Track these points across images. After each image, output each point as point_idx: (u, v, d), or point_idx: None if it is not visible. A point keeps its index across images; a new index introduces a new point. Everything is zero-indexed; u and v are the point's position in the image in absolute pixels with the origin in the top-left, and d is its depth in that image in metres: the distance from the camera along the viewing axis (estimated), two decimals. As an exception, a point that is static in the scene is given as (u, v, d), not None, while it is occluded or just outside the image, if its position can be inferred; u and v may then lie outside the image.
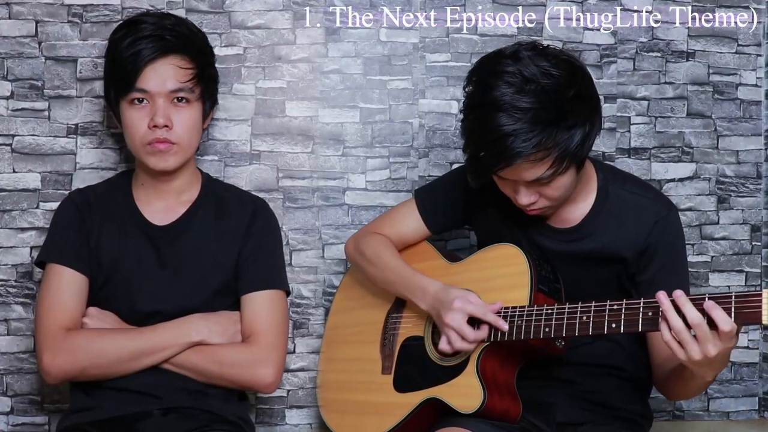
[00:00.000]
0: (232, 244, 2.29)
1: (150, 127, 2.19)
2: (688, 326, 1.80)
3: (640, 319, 1.88)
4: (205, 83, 2.27)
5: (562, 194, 2.05)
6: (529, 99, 1.94)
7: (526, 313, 2.03)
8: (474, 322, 2.08)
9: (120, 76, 2.20)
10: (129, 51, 2.18)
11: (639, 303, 1.89)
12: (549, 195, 2.04)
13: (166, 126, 2.19)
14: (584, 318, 1.95)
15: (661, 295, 1.83)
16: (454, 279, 2.20)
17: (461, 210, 2.31)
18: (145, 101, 2.20)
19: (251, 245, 2.29)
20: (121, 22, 2.32)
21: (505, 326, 2.04)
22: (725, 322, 1.77)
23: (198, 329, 2.21)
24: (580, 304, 1.97)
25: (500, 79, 1.96)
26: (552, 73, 1.96)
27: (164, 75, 2.19)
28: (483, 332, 2.06)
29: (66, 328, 2.18)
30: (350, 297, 2.45)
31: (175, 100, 2.21)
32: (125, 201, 2.31)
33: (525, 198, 2.04)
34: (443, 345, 2.10)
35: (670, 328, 1.81)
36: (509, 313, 2.05)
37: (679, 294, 1.81)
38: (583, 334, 1.96)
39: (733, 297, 1.78)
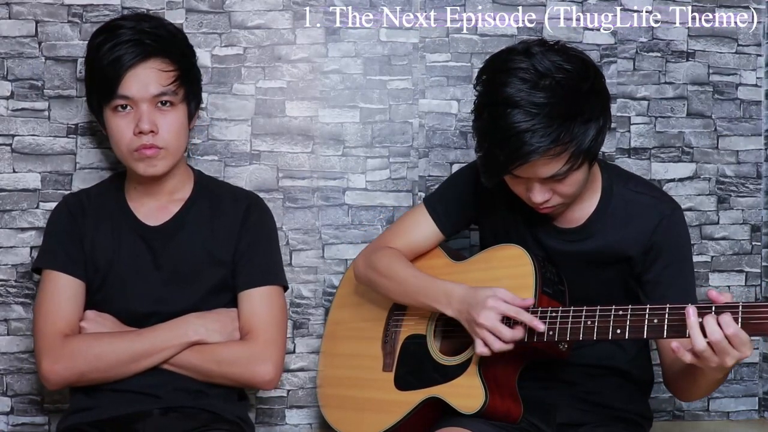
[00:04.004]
0: (227, 241, 2.28)
1: (136, 134, 2.17)
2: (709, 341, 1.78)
3: (645, 326, 1.86)
4: (189, 84, 2.26)
5: (575, 191, 2.04)
6: (544, 94, 1.92)
7: (530, 315, 2.02)
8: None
9: (101, 83, 2.19)
10: (109, 57, 2.16)
11: (645, 309, 1.88)
12: (562, 192, 2.03)
13: (152, 131, 2.17)
14: (589, 323, 1.93)
15: (691, 310, 1.80)
16: (459, 278, 2.18)
17: (471, 208, 2.29)
18: (128, 107, 2.18)
19: (246, 241, 2.28)
20: (99, 26, 2.29)
21: (541, 326, 1.97)
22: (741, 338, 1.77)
23: (195, 329, 2.20)
24: (584, 308, 1.95)
25: (513, 76, 1.94)
26: (566, 67, 1.95)
27: (146, 80, 2.17)
28: (519, 332, 2.00)
29: (64, 334, 2.19)
30: (352, 292, 2.44)
31: (159, 104, 2.19)
32: (118, 203, 2.31)
33: (539, 196, 2.02)
34: (480, 348, 2.02)
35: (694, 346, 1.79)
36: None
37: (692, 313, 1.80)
38: (588, 339, 1.95)
39: (741, 307, 1.77)
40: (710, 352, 1.78)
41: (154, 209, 2.30)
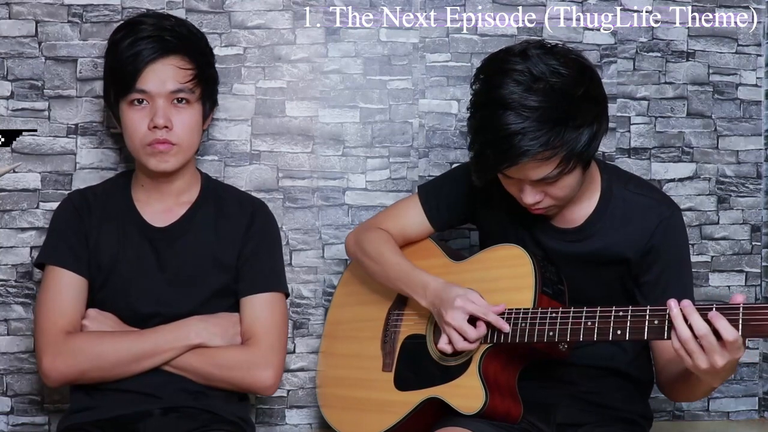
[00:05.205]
0: (231, 245, 2.28)
1: (150, 128, 2.19)
2: (695, 336, 1.79)
3: (646, 327, 1.86)
4: (205, 84, 2.27)
5: (567, 194, 2.05)
6: (537, 97, 1.93)
7: (530, 315, 2.02)
8: (474, 321, 2.07)
9: (120, 77, 2.20)
10: (129, 52, 2.18)
11: (645, 310, 1.88)
12: (554, 194, 2.03)
13: (166, 127, 2.19)
14: (589, 323, 1.94)
15: (672, 303, 1.81)
16: (458, 278, 2.19)
17: (465, 207, 2.29)
18: (144, 102, 2.20)
19: (250, 247, 2.29)
20: (121, 23, 2.32)
21: (506, 327, 2.03)
22: (729, 332, 1.76)
23: (197, 332, 2.21)
24: (585, 309, 1.96)
25: (508, 77, 1.95)
26: (561, 71, 1.95)
27: (164, 76, 2.19)
28: (482, 329, 2.04)
29: (65, 331, 2.18)
30: (351, 292, 2.45)
31: (175, 101, 2.21)
32: (124, 202, 2.31)
33: (530, 197, 2.03)
34: (443, 345, 2.09)
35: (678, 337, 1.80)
36: (513, 316, 2.04)
37: (686, 303, 1.80)
38: (588, 340, 1.95)
39: (741, 308, 1.77)
40: (694, 343, 1.79)
41: (160, 210, 2.30)
